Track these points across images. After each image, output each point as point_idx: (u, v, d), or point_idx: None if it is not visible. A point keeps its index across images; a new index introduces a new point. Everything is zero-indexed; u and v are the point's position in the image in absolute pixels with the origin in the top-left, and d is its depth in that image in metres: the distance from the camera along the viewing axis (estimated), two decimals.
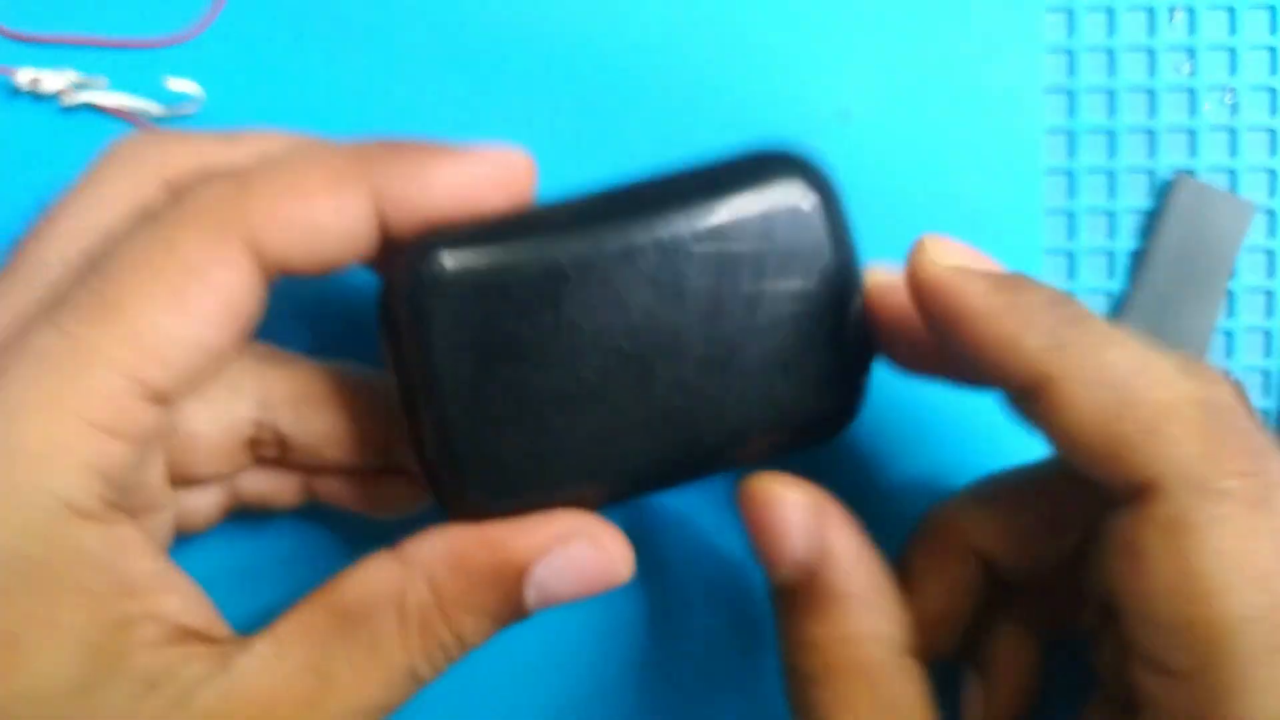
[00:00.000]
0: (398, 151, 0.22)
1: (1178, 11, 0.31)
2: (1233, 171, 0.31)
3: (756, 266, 0.23)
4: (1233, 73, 0.31)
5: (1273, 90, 0.31)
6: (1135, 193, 0.31)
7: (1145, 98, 0.31)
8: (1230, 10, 0.31)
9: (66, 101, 0.30)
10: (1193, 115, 0.31)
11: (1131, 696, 0.21)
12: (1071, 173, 0.31)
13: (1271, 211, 0.31)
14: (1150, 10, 0.31)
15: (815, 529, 0.23)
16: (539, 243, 0.22)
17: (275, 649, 0.21)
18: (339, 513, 0.28)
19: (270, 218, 0.21)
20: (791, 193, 0.23)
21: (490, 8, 0.31)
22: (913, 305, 0.23)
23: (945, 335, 0.22)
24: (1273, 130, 0.31)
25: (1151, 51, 0.31)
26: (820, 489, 0.24)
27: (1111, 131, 0.31)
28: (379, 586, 0.21)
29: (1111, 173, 0.31)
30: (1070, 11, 0.31)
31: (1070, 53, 0.31)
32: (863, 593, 0.23)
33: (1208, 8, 0.31)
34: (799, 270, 0.23)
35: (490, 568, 0.22)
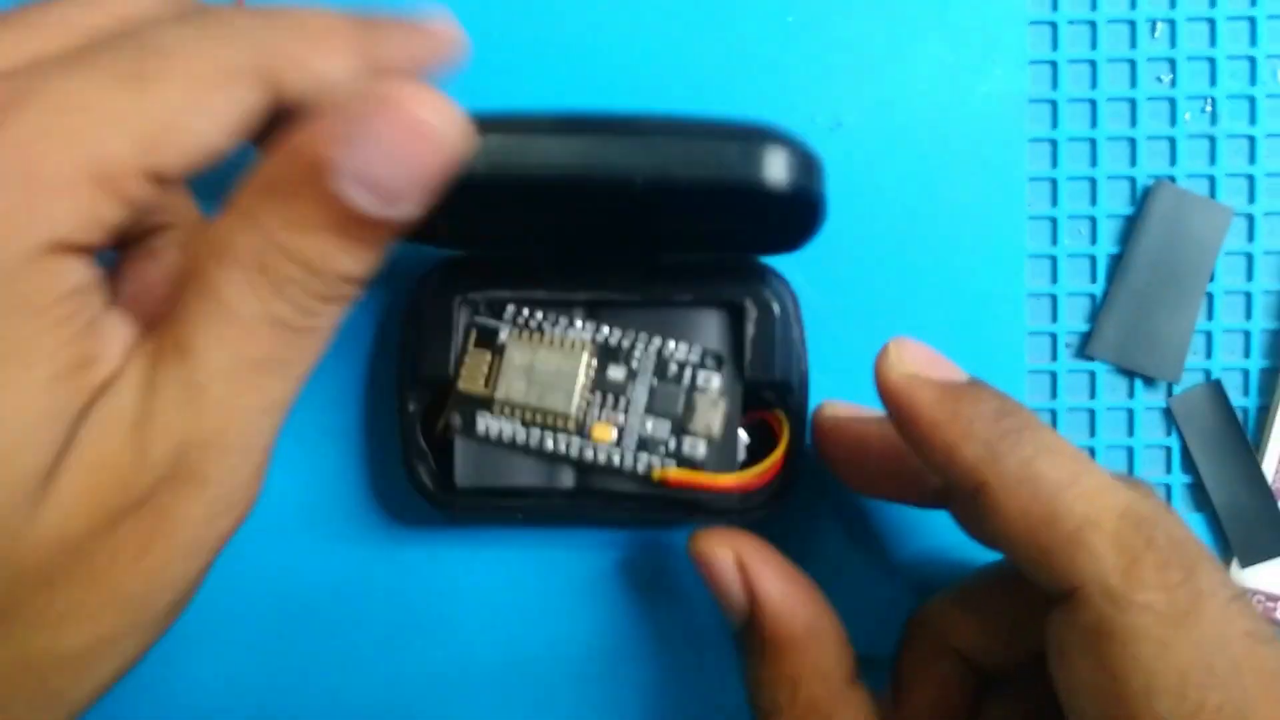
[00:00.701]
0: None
1: (1158, 24, 0.32)
2: (1212, 178, 0.32)
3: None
4: (1212, 83, 0.32)
5: (1251, 99, 0.32)
6: (1116, 199, 0.32)
7: (1126, 107, 0.32)
8: (1210, 22, 0.32)
9: None
10: (1173, 124, 0.32)
11: None
12: (1054, 180, 0.32)
13: (1250, 216, 0.32)
14: (1131, 23, 0.32)
15: (741, 583, 0.25)
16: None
17: (152, 355, 0.20)
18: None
19: (291, 61, 0.20)
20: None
21: (491, 12, 0.32)
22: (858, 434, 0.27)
23: (904, 437, 0.25)
24: (1251, 138, 0.32)
25: (1132, 63, 0.32)
26: (753, 540, 0.26)
27: (1093, 140, 0.32)
28: (205, 245, 0.20)
29: (1093, 180, 0.32)
30: (1053, 24, 0.32)
31: (1053, 64, 0.32)
32: (795, 635, 0.25)
33: (1188, 20, 0.32)
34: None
35: (293, 178, 0.19)
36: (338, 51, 0.21)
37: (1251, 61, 0.32)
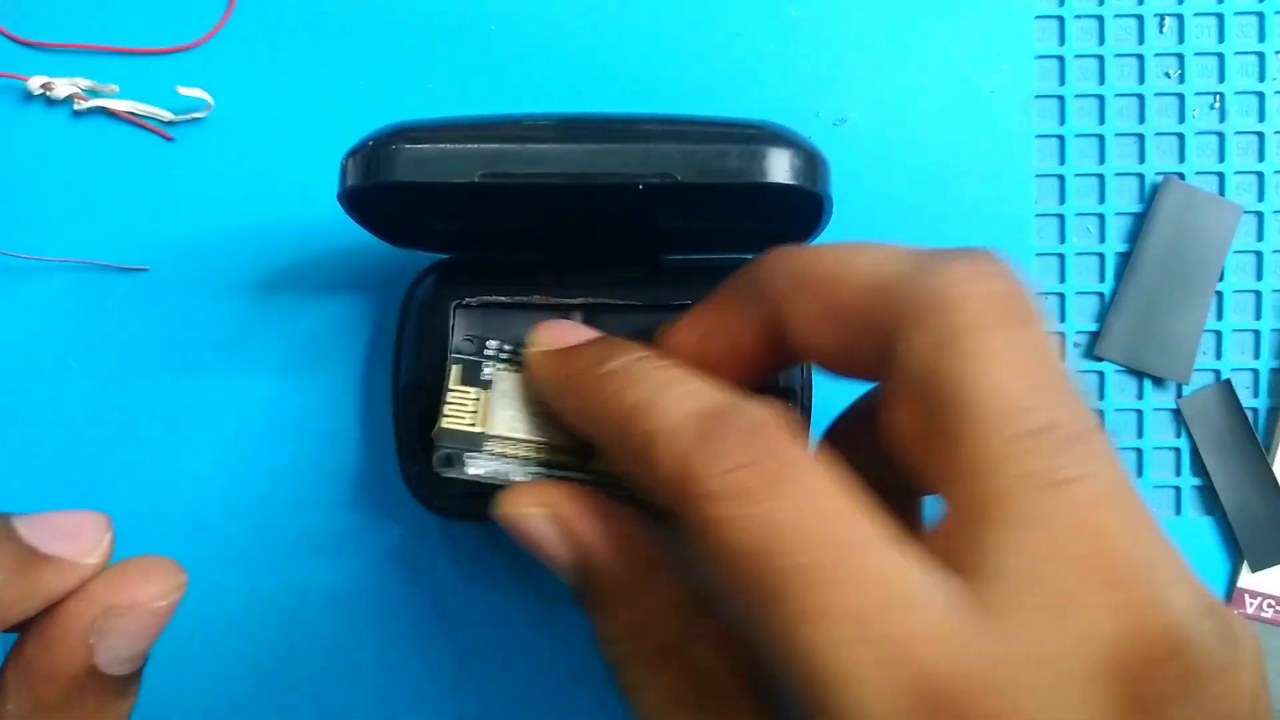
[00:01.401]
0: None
1: (1166, 19, 0.32)
2: (1220, 175, 0.31)
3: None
4: (1220, 79, 0.32)
5: (1260, 95, 0.32)
6: (1125, 196, 0.32)
7: (1134, 103, 0.32)
8: (1218, 17, 0.32)
9: (78, 108, 0.31)
10: (1181, 121, 0.32)
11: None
12: (1061, 177, 0.32)
13: (1259, 214, 0.32)
14: (1139, 18, 0.32)
15: (562, 535, 0.24)
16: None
17: None
18: None
19: None
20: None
21: (492, 14, 0.32)
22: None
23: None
24: (1260, 135, 0.32)
25: (1140, 58, 0.32)
26: (564, 489, 0.24)
27: (1101, 136, 0.32)
28: None
29: (1101, 177, 0.32)
30: (1060, 19, 0.32)
31: (1060, 59, 0.32)
32: (630, 579, 0.23)
33: (1196, 15, 0.32)
34: None
35: (63, 689, 0.21)
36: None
37: (1260, 57, 0.32)
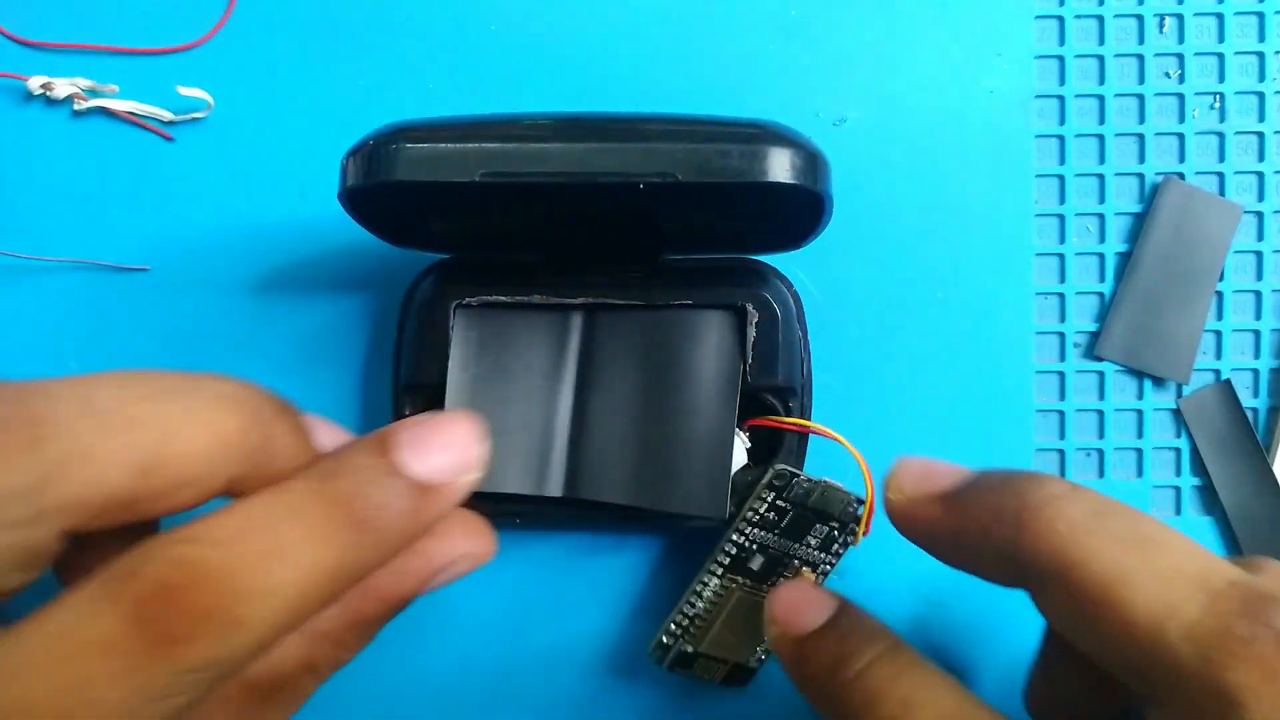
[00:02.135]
0: None
1: (1166, 19, 0.32)
2: (1220, 175, 0.31)
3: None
4: (1220, 79, 0.32)
5: (1260, 95, 0.32)
6: (1125, 196, 0.32)
7: (1134, 103, 0.32)
8: (1218, 17, 0.32)
9: (78, 108, 0.31)
10: (1181, 121, 0.32)
11: None
12: (1061, 177, 0.32)
13: (1259, 214, 0.32)
14: (1139, 18, 0.32)
15: None
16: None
17: None
18: None
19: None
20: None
21: (492, 15, 0.32)
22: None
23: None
24: (1260, 135, 0.32)
25: (1140, 58, 0.32)
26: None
27: (1101, 136, 0.32)
28: (289, 665, 0.23)
29: (1101, 177, 0.32)
30: (1060, 19, 0.32)
31: (1060, 59, 0.32)
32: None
33: (1196, 15, 0.32)
34: None
35: (382, 610, 0.24)
36: None
37: (1260, 57, 0.32)
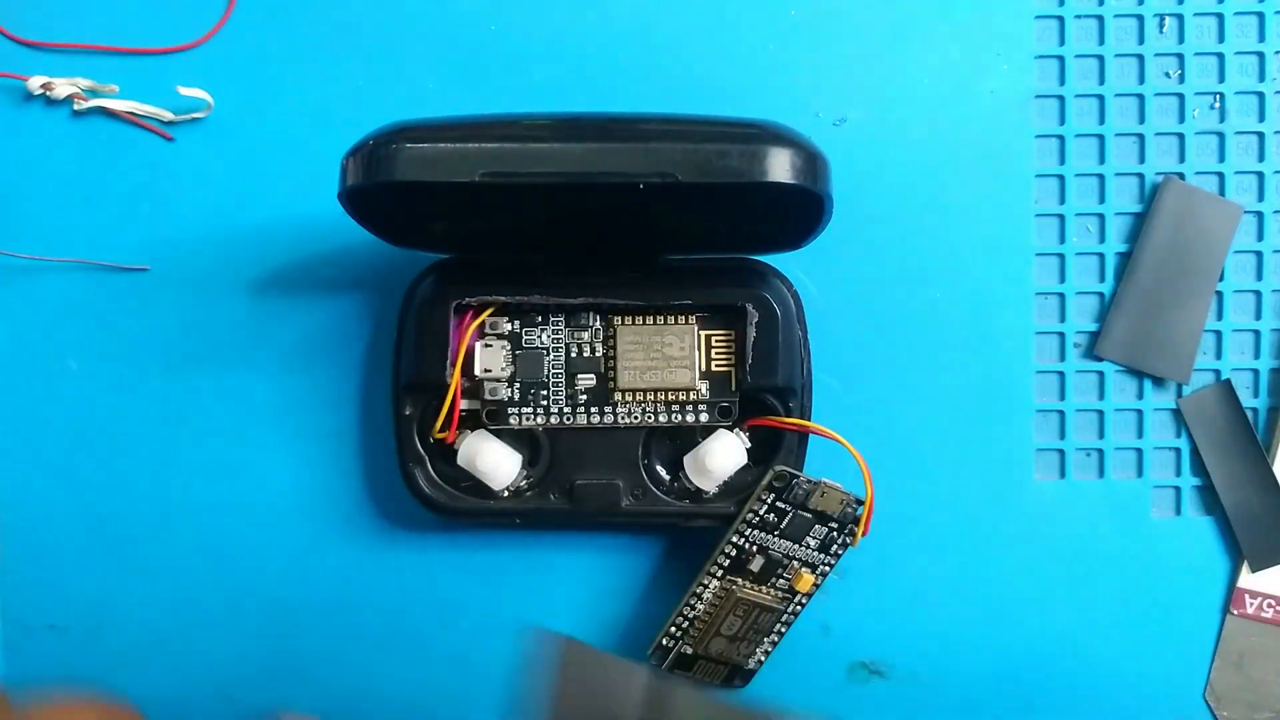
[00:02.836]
0: None
1: (1166, 19, 0.32)
2: (1220, 175, 0.31)
3: None
4: (1220, 79, 0.32)
5: (1260, 96, 0.32)
6: (1125, 196, 0.32)
7: (1134, 103, 0.32)
8: (1218, 18, 0.32)
9: (78, 108, 0.31)
10: (1181, 120, 0.32)
11: None
12: (1061, 176, 0.32)
13: (1259, 214, 0.32)
14: (1139, 18, 0.32)
15: None
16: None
17: None
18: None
19: None
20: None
21: (492, 15, 0.32)
22: None
23: None
24: (1260, 135, 0.32)
25: (1140, 58, 0.32)
26: None
27: (1101, 136, 0.32)
28: None
29: (1101, 176, 0.32)
30: (1060, 19, 0.32)
31: (1060, 59, 0.32)
32: None
33: (1196, 15, 0.32)
34: None
35: None
36: None
37: (1260, 57, 0.32)
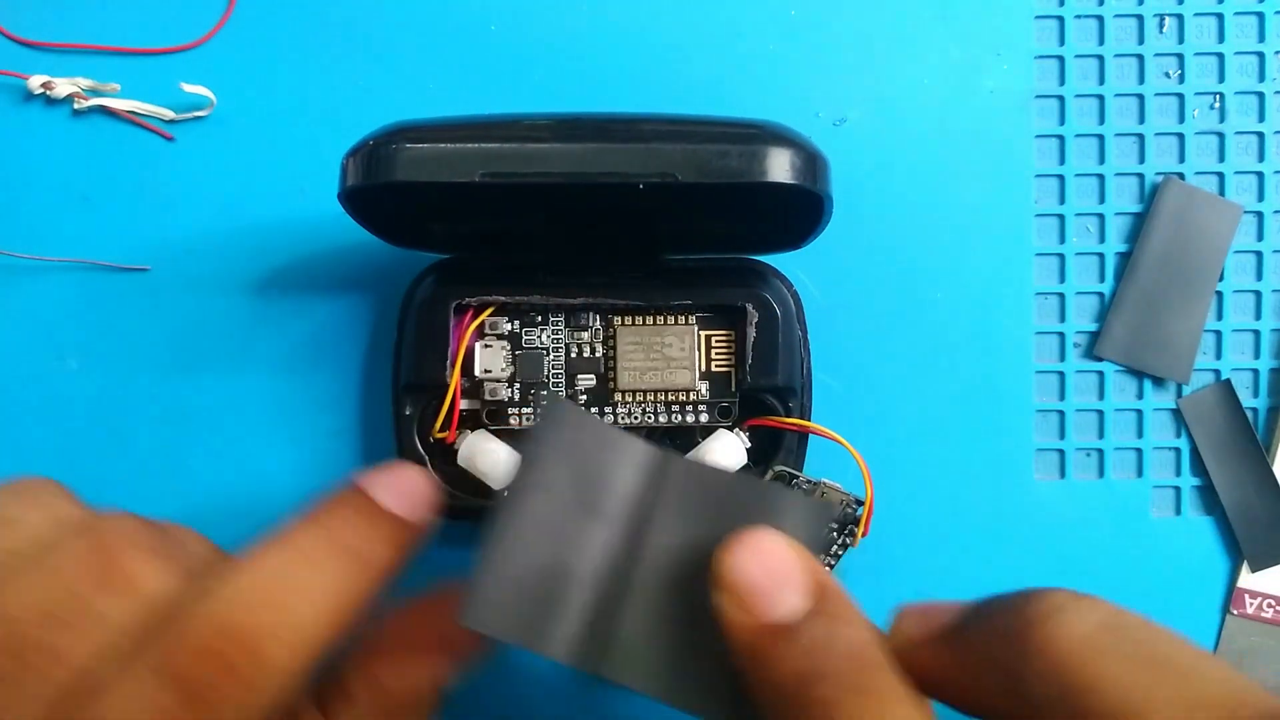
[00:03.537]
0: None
1: (1166, 19, 0.32)
2: (1220, 175, 0.31)
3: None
4: (1220, 79, 0.32)
5: (1260, 95, 0.32)
6: (1125, 196, 0.32)
7: (1134, 103, 0.32)
8: (1218, 17, 0.32)
9: (78, 107, 0.31)
10: (1181, 121, 0.32)
11: None
12: (1061, 177, 0.32)
13: (1259, 214, 0.32)
14: (1139, 18, 0.32)
15: None
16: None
17: None
18: None
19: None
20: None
21: (492, 15, 0.32)
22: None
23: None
24: (1260, 135, 0.32)
25: (1140, 58, 0.32)
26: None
27: (1100, 136, 0.32)
28: None
29: (1101, 177, 0.32)
30: (1060, 19, 0.32)
31: (1060, 59, 0.32)
32: None
33: (1196, 15, 0.32)
34: None
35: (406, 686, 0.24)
36: None
37: (1260, 57, 0.32)
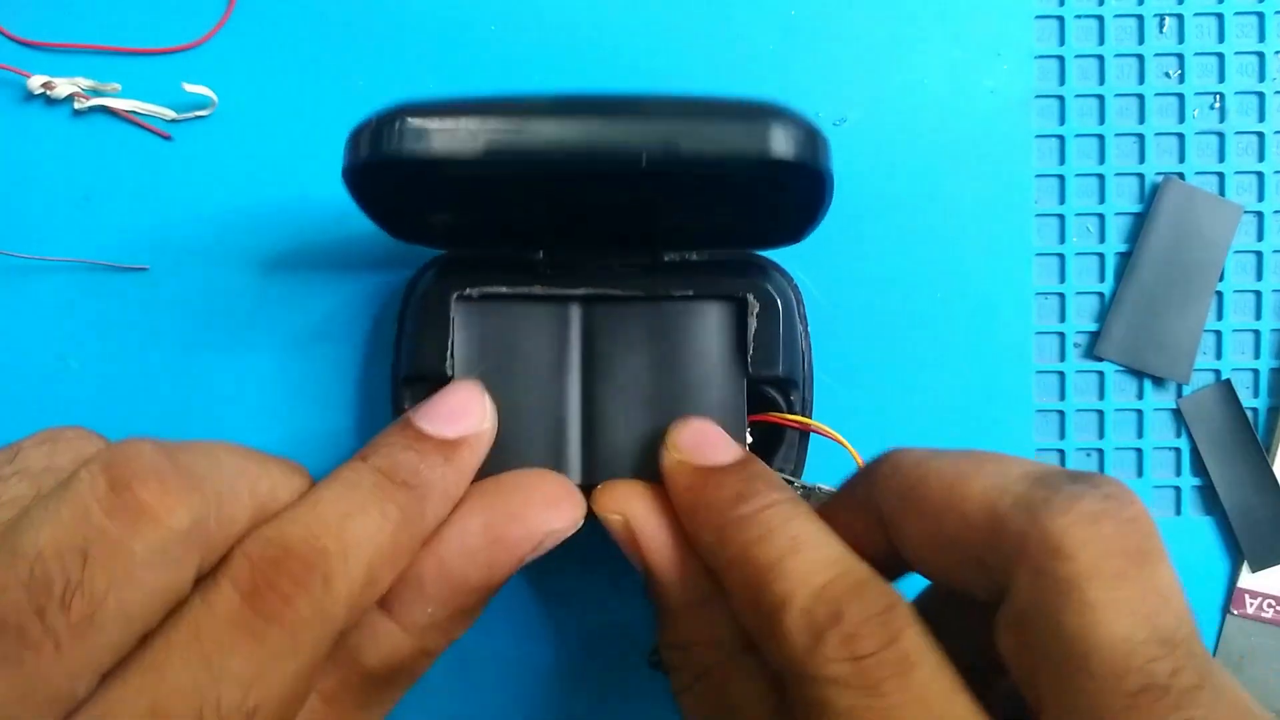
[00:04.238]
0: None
1: (1166, 19, 0.32)
2: (1220, 175, 0.31)
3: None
4: (1220, 79, 0.32)
5: (1260, 95, 0.32)
6: (1125, 196, 0.32)
7: (1134, 103, 0.32)
8: (1218, 17, 0.32)
9: (79, 107, 0.31)
10: (1181, 121, 0.32)
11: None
12: (1061, 177, 0.32)
13: (1259, 214, 0.32)
14: (1139, 18, 0.32)
15: (634, 545, 0.24)
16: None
17: None
18: None
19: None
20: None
21: (492, 15, 0.32)
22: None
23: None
24: (1260, 135, 0.32)
25: (1140, 58, 0.32)
26: (646, 500, 0.24)
27: (1101, 136, 0.32)
28: (403, 654, 0.23)
29: (1101, 176, 0.32)
30: (1060, 19, 0.32)
31: (1060, 59, 0.32)
32: (684, 603, 0.24)
33: (1196, 15, 0.32)
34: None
35: (479, 598, 0.23)
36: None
37: (1260, 57, 0.32)
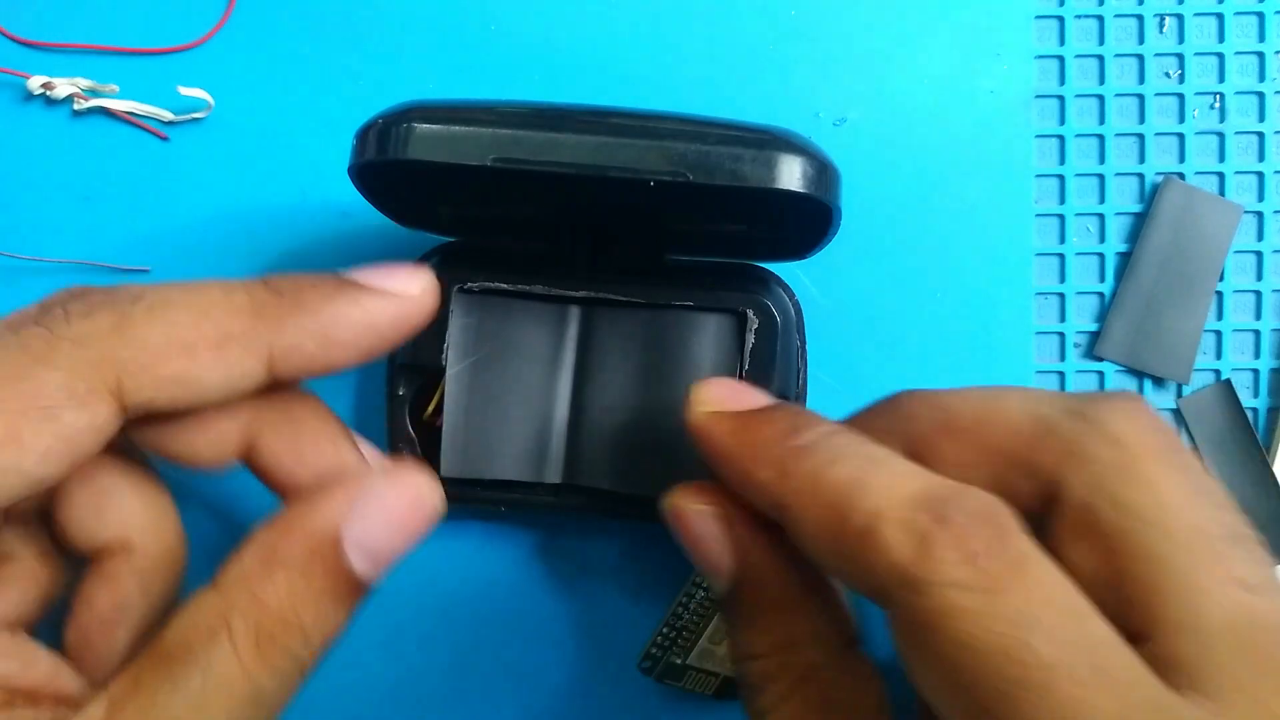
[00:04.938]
0: (294, 302, 0.21)
1: (1166, 19, 0.32)
2: (1220, 175, 0.31)
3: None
4: (1220, 79, 0.32)
5: (1260, 95, 0.32)
6: (1125, 196, 0.32)
7: (1134, 103, 0.32)
8: (1218, 17, 0.32)
9: (78, 108, 0.31)
10: (1181, 121, 0.32)
11: None
12: (1061, 177, 0.32)
13: (1259, 214, 0.32)
14: (1139, 18, 0.32)
15: (728, 538, 0.23)
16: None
17: (108, 709, 0.20)
18: None
19: (145, 368, 0.20)
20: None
21: (492, 16, 0.32)
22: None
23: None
24: (1260, 135, 0.32)
25: (1140, 58, 0.32)
26: (734, 497, 0.23)
27: (1101, 136, 0.32)
28: (200, 620, 0.20)
29: (1101, 177, 0.32)
30: (1060, 19, 0.32)
31: (1060, 59, 0.32)
32: (786, 599, 0.23)
33: (1196, 15, 0.32)
34: None
35: (303, 552, 0.21)
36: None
37: (1260, 57, 0.32)
